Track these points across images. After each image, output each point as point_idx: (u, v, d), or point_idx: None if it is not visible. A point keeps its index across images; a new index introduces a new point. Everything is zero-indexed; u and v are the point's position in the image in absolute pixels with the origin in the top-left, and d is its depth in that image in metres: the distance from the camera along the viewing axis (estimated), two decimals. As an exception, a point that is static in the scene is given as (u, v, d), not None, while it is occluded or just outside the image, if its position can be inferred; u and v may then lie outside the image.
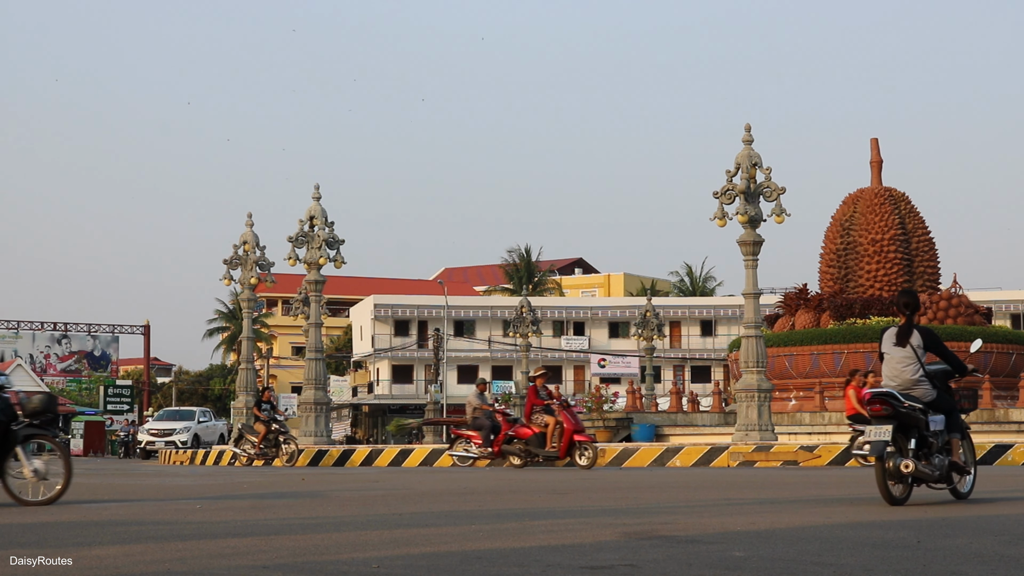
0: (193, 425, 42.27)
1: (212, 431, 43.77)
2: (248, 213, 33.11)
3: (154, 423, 43.99)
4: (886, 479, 9.51)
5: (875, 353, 36.04)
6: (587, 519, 8.61)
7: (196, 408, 48.59)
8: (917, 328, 9.92)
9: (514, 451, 21.02)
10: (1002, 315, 71.67)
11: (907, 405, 9.58)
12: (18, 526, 8.50)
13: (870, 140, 38.26)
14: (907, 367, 9.82)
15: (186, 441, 40.68)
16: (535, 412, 20.85)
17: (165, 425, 42.47)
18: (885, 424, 9.51)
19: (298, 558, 6.31)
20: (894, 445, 9.51)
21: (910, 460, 9.44)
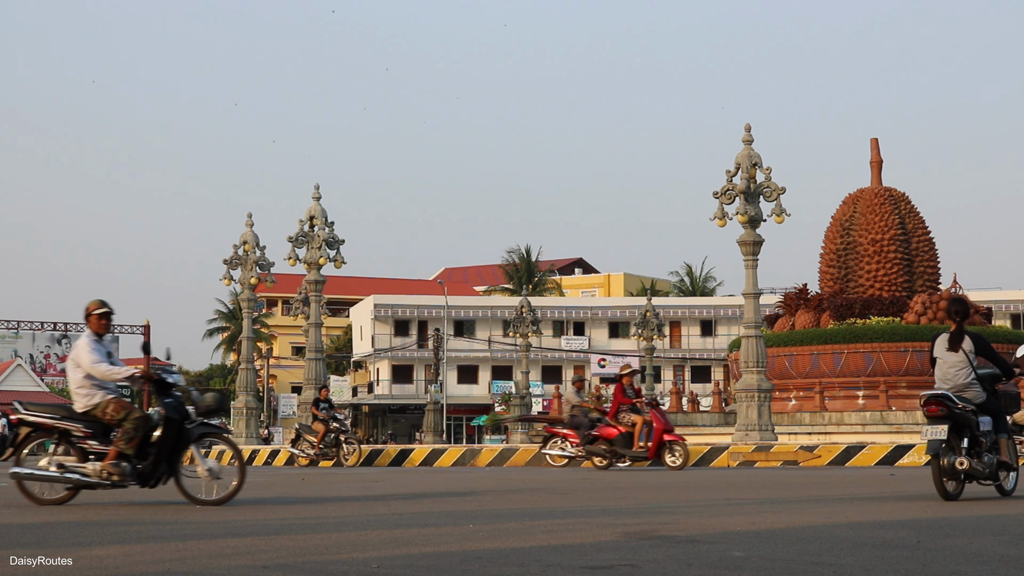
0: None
1: None
2: (248, 213, 33.10)
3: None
4: (942, 476, 10.10)
5: (875, 353, 35.94)
6: (587, 519, 8.61)
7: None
8: (968, 334, 10.53)
9: (598, 451, 20.05)
10: (1002, 315, 71.68)
11: (960, 406, 10.15)
12: (18, 526, 8.50)
13: (870, 140, 38.29)
14: (960, 371, 10.42)
15: None
16: (621, 411, 19.97)
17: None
18: (941, 424, 10.10)
19: (298, 558, 6.31)
20: (947, 444, 10.10)
21: (964, 458, 10.03)
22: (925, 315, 34.10)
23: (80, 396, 10.31)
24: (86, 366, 10.28)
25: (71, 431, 10.21)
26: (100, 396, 10.27)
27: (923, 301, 34.35)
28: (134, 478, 10.10)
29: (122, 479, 10.03)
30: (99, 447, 10.15)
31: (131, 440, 10.03)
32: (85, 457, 10.19)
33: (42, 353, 76.09)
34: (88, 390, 10.29)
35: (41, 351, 76.13)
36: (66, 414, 10.30)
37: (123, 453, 10.04)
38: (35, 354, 75.41)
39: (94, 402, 10.25)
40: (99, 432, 10.21)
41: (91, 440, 10.19)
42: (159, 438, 10.10)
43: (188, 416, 10.28)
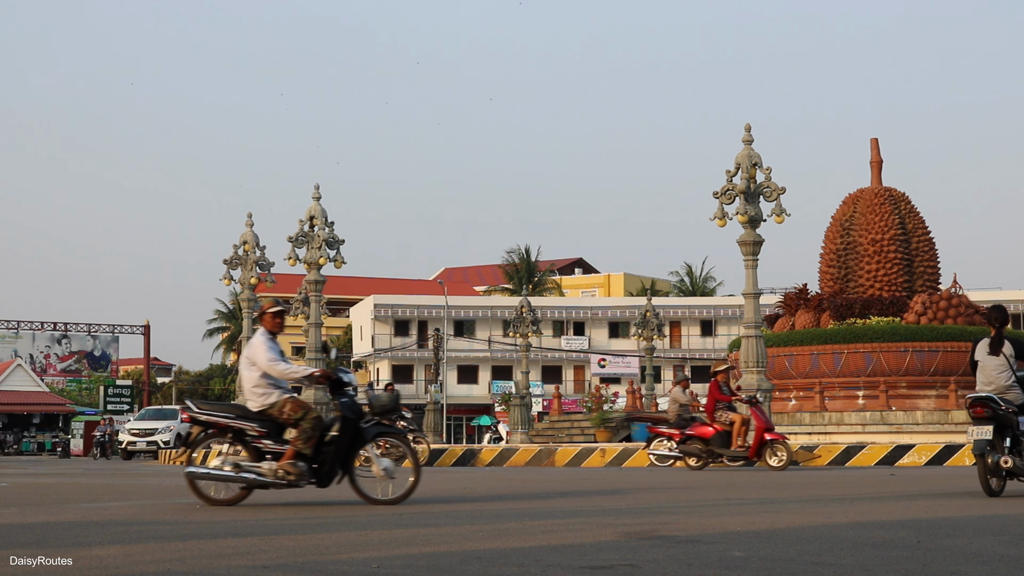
0: (176, 424, 40.04)
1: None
2: (248, 213, 33.13)
3: (135, 423, 42.05)
4: (987, 474, 10.66)
5: (875, 353, 35.91)
6: (587, 519, 8.60)
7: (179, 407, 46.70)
8: (1008, 338, 11.14)
9: (692, 451, 19.54)
10: (1002, 315, 71.63)
11: (1003, 408, 10.73)
12: (18, 526, 8.50)
13: (870, 140, 38.27)
14: (1001, 374, 11.02)
15: (168, 441, 38.99)
16: (718, 409, 19.54)
17: (147, 424, 40.69)
18: (986, 425, 10.70)
19: (298, 558, 6.31)
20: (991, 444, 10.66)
21: (1008, 456, 10.61)
22: (925, 315, 34.10)
23: (256, 395, 10.20)
24: (263, 365, 10.16)
25: (246, 430, 10.10)
26: (276, 395, 10.17)
27: (923, 301, 34.34)
28: (310, 478, 10.03)
29: (298, 479, 9.95)
30: (274, 446, 10.06)
31: (309, 439, 9.96)
32: (259, 456, 10.09)
33: (42, 353, 76.03)
34: (264, 389, 10.18)
35: (41, 351, 76.07)
36: (241, 413, 10.20)
37: (300, 452, 9.95)
38: (35, 354, 75.35)
39: (270, 401, 10.16)
40: (273, 431, 10.13)
41: (266, 439, 10.10)
42: (335, 438, 10.03)
43: (363, 415, 10.21)
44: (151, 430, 39.77)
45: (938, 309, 34.28)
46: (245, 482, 10.05)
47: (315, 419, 10.05)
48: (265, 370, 10.17)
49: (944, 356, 33.46)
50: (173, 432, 39.36)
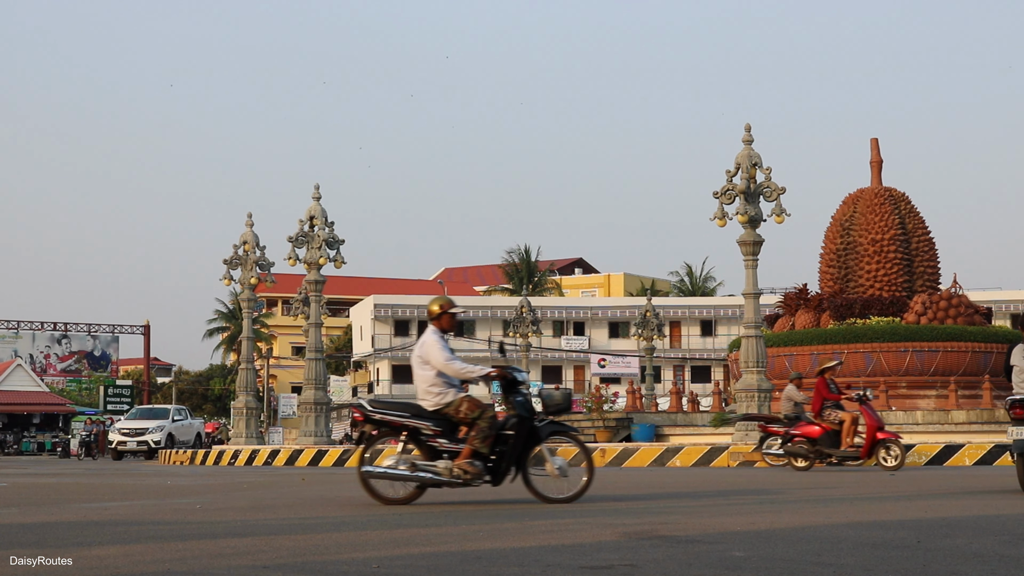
0: (167, 424, 39.57)
1: (188, 430, 41.08)
2: (248, 213, 33.13)
3: (126, 422, 40.77)
4: None
5: (874, 353, 35.85)
6: (587, 519, 8.60)
7: (171, 406, 45.10)
8: None
9: (798, 451, 19.00)
10: (1002, 315, 71.65)
11: None
12: (18, 526, 8.49)
13: (870, 140, 38.25)
14: None
15: (159, 441, 38.25)
16: (826, 407, 19.03)
17: (137, 424, 39.52)
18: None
19: (298, 558, 6.31)
20: None
21: None
22: (925, 315, 34.10)
23: (432, 394, 10.18)
24: (439, 364, 10.13)
25: (420, 429, 10.09)
26: (452, 394, 10.16)
27: (923, 301, 34.33)
28: (486, 476, 10.04)
29: (474, 477, 9.95)
30: (450, 445, 10.06)
31: (486, 438, 9.95)
32: (434, 455, 10.08)
33: (42, 353, 76.01)
34: (440, 388, 10.16)
35: (41, 351, 76.05)
36: (415, 412, 10.18)
37: (477, 451, 9.95)
38: (35, 354, 75.34)
39: (446, 400, 10.14)
40: (447, 430, 10.11)
41: (441, 438, 10.08)
42: (510, 436, 10.03)
43: (536, 414, 10.21)
44: (142, 430, 38.86)
45: (938, 309, 34.27)
46: (420, 481, 10.05)
47: (491, 418, 10.04)
48: (441, 369, 10.15)
49: (944, 356, 33.46)
50: (164, 432, 38.68)
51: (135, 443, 38.40)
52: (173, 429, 39.62)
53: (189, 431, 41.14)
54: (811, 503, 10.18)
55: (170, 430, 39.27)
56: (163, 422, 39.44)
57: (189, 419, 42.33)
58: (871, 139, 38.22)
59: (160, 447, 37.51)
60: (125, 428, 39.36)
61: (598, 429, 34.02)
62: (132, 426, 39.33)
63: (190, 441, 40.34)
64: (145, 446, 38.03)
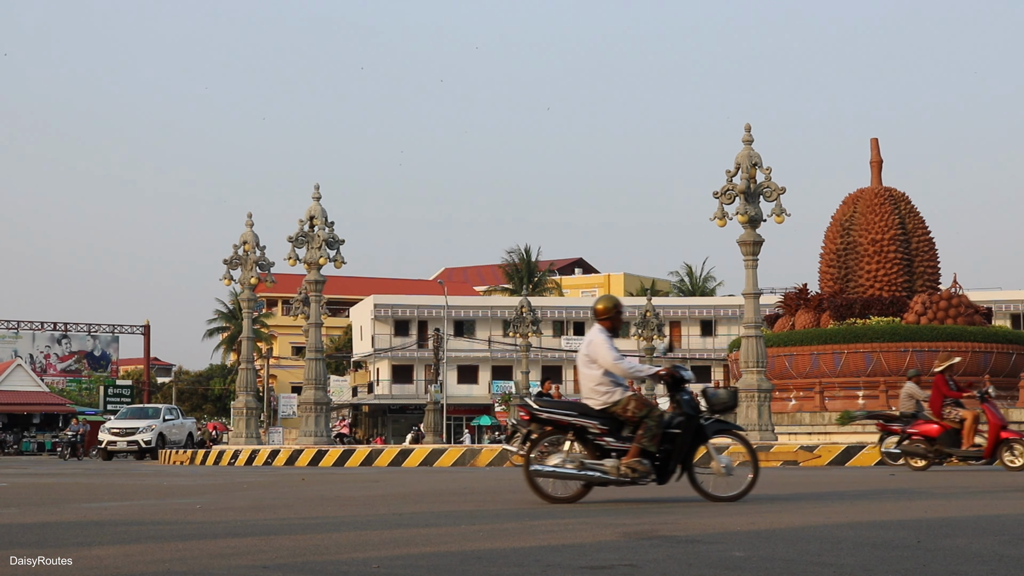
0: (158, 423, 38.72)
1: (180, 430, 40.34)
2: (248, 213, 33.13)
3: (116, 422, 39.89)
4: None
5: (875, 353, 35.78)
6: (587, 519, 8.60)
7: (162, 405, 44.56)
8: None
9: (916, 451, 18.50)
10: (1002, 315, 71.68)
11: None
12: (18, 526, 8.49)
13: (870, 140, 38.28)
14: None
15: (150, 441, 37.57)
16: (946, 405, 18.49)
17: (127, 424, 38.70)
18: None
19: (298, 558, 6.30)
20: None
21: None
22: (925, 315, 34.10)
23: (599, 393, 10.19)
24: (606, 363, 10.13)
25: (587, 428, 10.10)
26: (619, 393, 10.16)
27: (923, 301, 34.34)
28: (653, 475, 10.05)
29: (642, 476, 9.97)
30: (617, 444, 10.07)
31: (654, 437, 9.95)
32: (600, 454, 10.08)
33: (42, 353, 76.03)
34: (608, 387, 10.17)
35: (41, 351, 76.07)
36: (582, 411, 10.17)
37: (645, 450, 9.96)
38: (35, 354, 75.35)
39: (614, 399, 10.15)
40: (614, 429, 10.12)
41: (608, 437, 10.09)
42: (677, 435, 10.03)
43: (701, 412, 10.20)
44: (132, 429, 38.11)
45: (938, 309, 34.28)
46: (587, 480, 10.04)
47: (659, 416, 10.05)
48: (609, 368, 10.15)
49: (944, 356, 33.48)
50: (155, 432, 38.02)
51: (125, 443, 37.79)
52: (164, 429, 39.00)
53: (181, 431, 40.53)
54: (811, 503, 10.18)
55: (161, 430, 38.63)
56: (154, 422, 38.80)
57: (181, 419, 41.68)
58: (871, 139, 38.25)
59: (151, 447, 37.07)
60: (115, 428, 38.63)
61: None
62: (122, 426, 38.63)
63: (182, 441, 39.78)
64: (135, 446, 37.51)
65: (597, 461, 10.03)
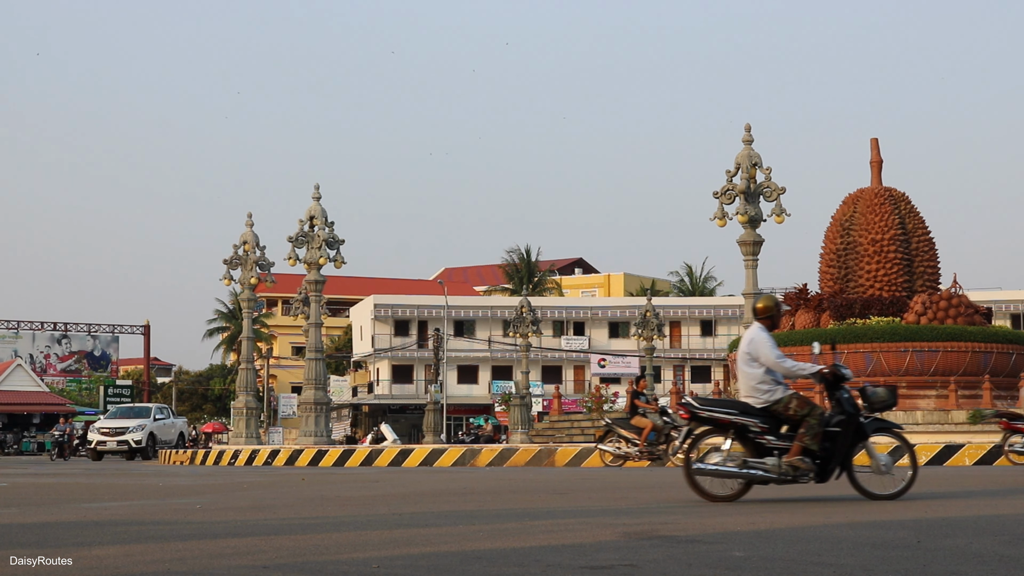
0: (149, 423, 38.04)
1: (170, 430, 39.75)
2: (248, 213, 33.15)
3: (105, 421, 39.15)
4: None
5: (874, 353, 35.84)
6: (587, 519, 8.60)
7: (152, 404, 43.69)
8: None
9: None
10: (1002, 315, 71.70)
11: None
12: (18, 526, 8.49)
13: (870, 140, 38.22)
14: None
15: (140, 441, 36.94)
16: None
17: (117, 423, 37.89)
18: None
19: (298, 558, 6.30)
20: None
21: None
22: (925, 315, 34.09)
23: (760, 391, 10.22)
24: (769, 361, 10.17)
25: (748, 427, 10.13)
26: (781, 392, 10.19)
27: (923, 301, 34.33)
28: (814, 473, 10.05)
29: (803, 474, 9.98)
30: (778, 443, 10.08)
31: (816, 435, 9.98)
32: (760, 452, 10.10)
33: (42, 353, 76.04)
34: (769, 386, 10.21)
35: (41, 351, 76.08)
36: (743, 409, 10.20)
37: (807, 448, 9.97)
38: (35, 354, 75.37)
39: (775, 398, 10.18)
40: (774, 427, 10.14)
41: (769, 435, 10.11)
42: (837, 433, 10.04)
43: (859, 411, 10.22)
44: (122, 429, 37.31)
45: (938, 309, 34.25)
46: (749, 478, 10.07)
47: (820, 415, 10.07)
48: (771, 367, 10.20)
49: (944, 356, 33.46)
50: (146, 431, 37.40)
51: (115, 443, 37.00)
52: (155, 428, 38.40)
53: (171, 431, 39.97)
54: (811, 503, 10.18)
55: (152, 429, 37.99)
56: (144, 421, 38.12)
57: (172, 418, 41.11)
58: (871, 139, 38.19)
59: (141, 447, 36.60)
60: (105, 428, 37.90)
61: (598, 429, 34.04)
62: (112, 425, 37.88)
63: (172, 441, 39.32)
64: (125, 446, 36.86)
65: (759, 459, 10.07)
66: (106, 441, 37.14)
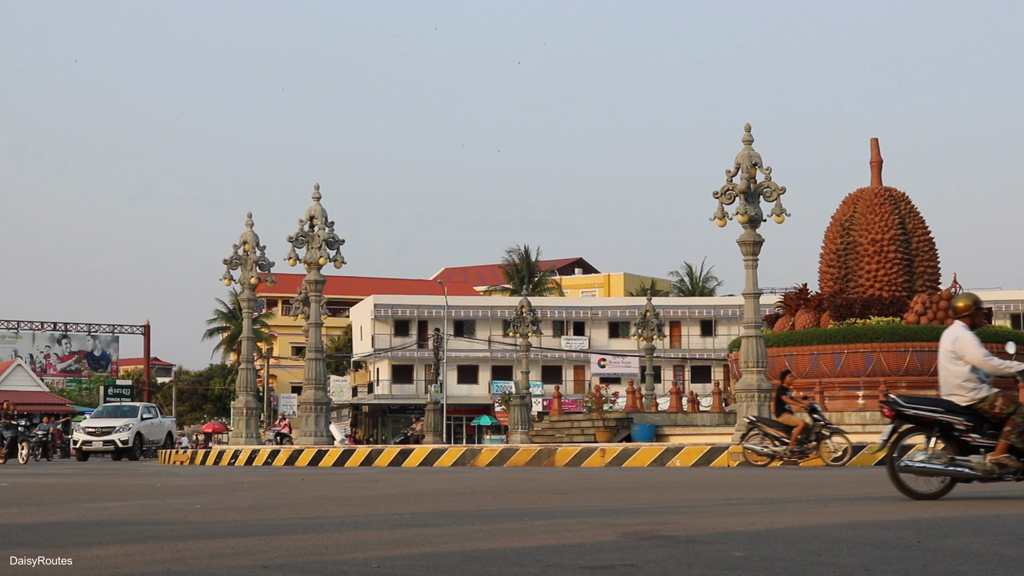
0: (136, 423, 36.53)
1: (158, 429, 38.43)
2: (248, 213, 33.11)
3: (91, 420, 37.42)
4: None
5: (875, 353, 35.86)
6: (587, 519, 8.60)
7: (140, 403, 42.15)
8: None
9: None
10: (1002, 315, 71.70)
11: None
12: (18, 526, 8.49)
13: (870, 140, 38.25)
14: None
15: (127, 441, 35.53)
16: None
17: (104, 423, 36.39)
18: None
19: (298, 558, 6.30)
20: None
21: None
22: (925, 315, 34.10)
23: (966, 390, 10.20)
24: (975, 360, 10.14)
25: (953, 424, 10.10)
26: (986, 390, 10.18)
27: (923, 301, 34.33)
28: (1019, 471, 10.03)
29: (1008, 472, 9.98)
30: (983, 440, 10.07)
31: (1021, 433, 9.97)
32: (965, 450, 10.08)
33: (42, 353, 76.04)
34: (975, 384, 10.19)
35: (41, 351, 76.07)
36: (948, 408, 10.18)
37: (1012, 446, 9.97)
38: (35, 354, 75.36)
39: (981, 395, 10.17)
40: (978, 425, 10.12)
41: (973, 433, 10.09)
42: None
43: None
44: (108, 429, 35.83)
45: (938, 309, 34.26)
46: (955, 476, 10.05)
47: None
48: (978, 365, 10.19)
49: (944, 356, 33.47)
50: (132, 431, 36.01)
51: (101, 443, 35.60)
52: (143, 428, 37.02)
53: (159, 430, 38.67)
54: (811, 503, 10.18)
55: (139, 429, 36.57)
56: (131, 420, 36.65)
57: (160, 417, 39.78)
58: (871, 139, 38.21)
59: (128, 447, 35.46)
60: (91, 427, 36.40)
61: (598, 429, 34.02)
62: (98, 425, 36.42)
63: (160, 441, 38.23)
64: (112, 446, 35.53)
65: (964, 457, 10.06)
66: (92, 441, 35.84)
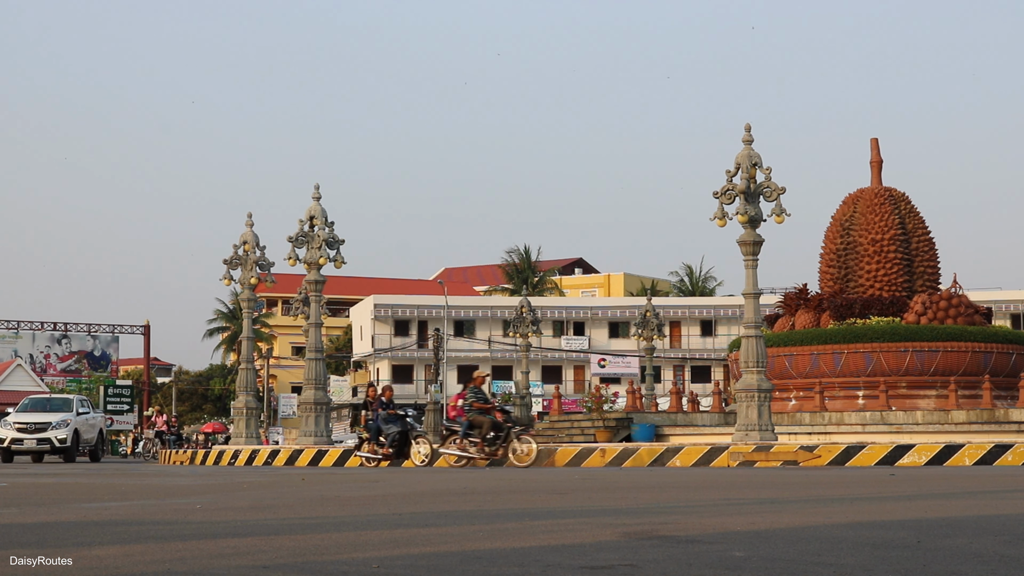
0: (72, 418, 31.83)
1: (93, 427, 33.66)
2: (248, 213, 33.12)
3: (19, 415, 32.00)
4: None
5: (874, 353, 35.95)
6: (587, 519, 8.60)
7: (74, 396, 36.69)
8: None
9: None
10: (1002, 315, 71.70)
11: None
12: (18, 526, 8.49)
13: (870, 140, 38.26)
14: None
15: (65, 439, 30.95)
16: None
17: (36, 418, 31.37)
18: None
19: (298, 558, 6.30)
20: None
21: None
22: (925, 315, 34.10)
23: None
24: None
25: None
26: None
27: (923, 301, 34.33)
28: None
29: None
30: None
31: None
32: None
33: (42, 353, 76.03)
34: None
35: (41, 351, 76.06)
36: None
37: None
38: (35, 354, 75.35)
39: None
40: None
41: None
42: None
43: None
44: (43, 425, 31.02)
45: (938, 309, 34.27)
46: None
47: None
48: None
49: (944, 356, 33.47)
50: (70, 427, 31.34)
51: (35, 441, 30.90)
52: (79, 425, 32.24)
53: (94, 427, 33.90)
54: (811, 503, 10.18)
55: (76, 426, 31.86)
56: (67, 415, 31.87)
57: (93, 412, 35.06)
58: (871, 139, 38.23)
59: (66, 446, 31.02)
60: (20, 423, 31.22)
61: (598, 429, 34.01)
62: (30, 420, 31.35)
63: (93, 439, 33.67)
64: (47, 444, 30.91)
65: None
66: (23, 439, 30.95)
